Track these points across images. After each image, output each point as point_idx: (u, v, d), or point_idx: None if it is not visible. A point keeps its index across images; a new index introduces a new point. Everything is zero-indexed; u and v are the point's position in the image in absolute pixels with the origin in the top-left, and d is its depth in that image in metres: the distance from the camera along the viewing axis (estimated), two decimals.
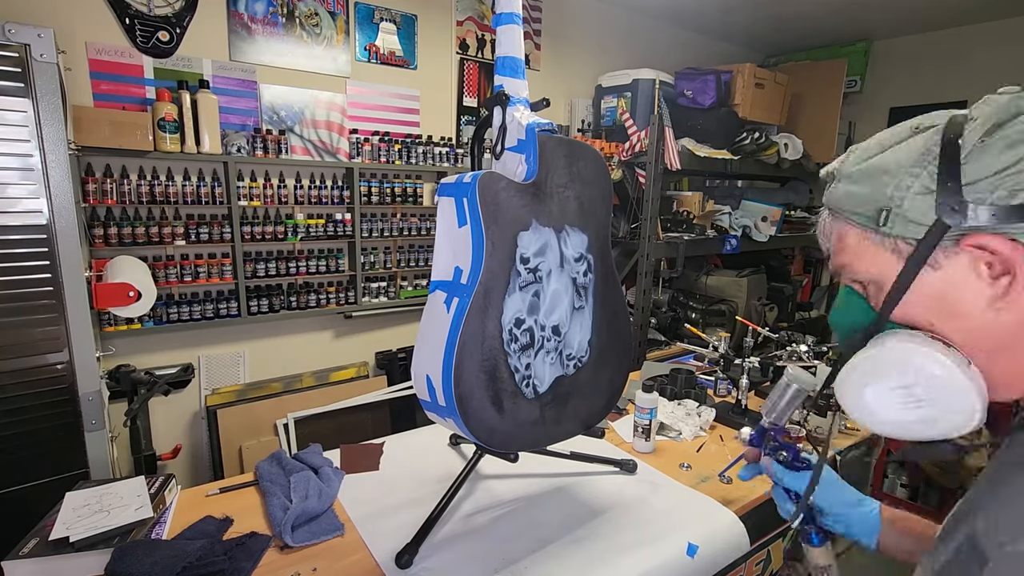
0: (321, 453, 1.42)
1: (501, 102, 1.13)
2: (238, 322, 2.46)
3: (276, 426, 2.51)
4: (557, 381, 1.12)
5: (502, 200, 1.03)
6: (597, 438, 1.45)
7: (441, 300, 1.04)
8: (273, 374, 2.68)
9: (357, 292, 2.76)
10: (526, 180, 1.07)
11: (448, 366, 0.98)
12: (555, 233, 1.10)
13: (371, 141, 2.71)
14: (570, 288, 1.12)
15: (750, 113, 3.06)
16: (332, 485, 1.27)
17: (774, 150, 3.12)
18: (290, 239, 2.54)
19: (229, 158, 2.32)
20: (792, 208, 3.72)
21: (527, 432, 1.10)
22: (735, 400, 1.78)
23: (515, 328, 1.05)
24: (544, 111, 1.16)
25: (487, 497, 1.28)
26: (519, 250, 1.05)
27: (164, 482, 1.20)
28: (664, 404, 1.79)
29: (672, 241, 2.82)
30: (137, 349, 2.32)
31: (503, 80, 1.14)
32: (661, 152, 2.67)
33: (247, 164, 2.42)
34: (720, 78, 3.00)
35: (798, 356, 1.73)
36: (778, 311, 3.52)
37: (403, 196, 2.81)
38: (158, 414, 2.42)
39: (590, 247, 1.15)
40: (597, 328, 1.17)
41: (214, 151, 2.27)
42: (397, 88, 2.82)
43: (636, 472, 1.41)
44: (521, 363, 1.06)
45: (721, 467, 1.45)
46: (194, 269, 2.33)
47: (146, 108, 2.17)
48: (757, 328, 1.86)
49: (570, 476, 1.38)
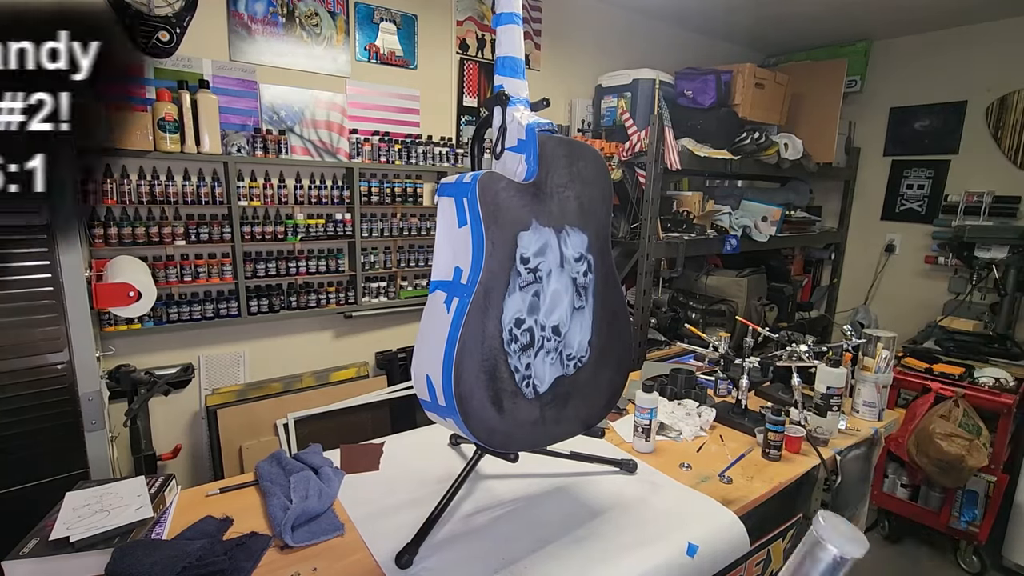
0: (321, 453, 1.42)
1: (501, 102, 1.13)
2: (238, 322, 2.46)
3: (276, 426, 2.51)
4: (557, 381, 1.12)
5: (502, 200, 1.03)
6: (597, 438, 1.44)
7: (441, 300, 1.04)
8: (273, 374, 2.68)
9: (357, 292, 2.76)
10: (526, 180, 1.07)
11: (448, 366, 0.98)
12: (555, 233, 1.10)
13: (371, 141, 2.71)
14: (570, 288, 1.12)
15: (750, 113, 3.06)
16: (332, 485, 1.27)
17: (774, 150, 3.12)
18: (290, 239, 2.54)
19: (229, 158, 2.32)
20: (792, 208, 3.72)
21: (527, 432, 1.10)
22: (735, 400, 1.78)
23: (515, 328, 1.05)
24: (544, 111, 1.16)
25: (487, 497, 1.28)
26: (519, 250, 1.05)
27: (164, 482, 1.20)
28: (664, 404, 1.79)
29: (672, 241, 2.82)
30: (137, 349, 2.32)
31: (503, 80, 1.14)
32: (661, 152, 2.67)
33: (247, 164, 2.42)
34: (720, 78, 3.00)
35: (798, 356, 1.73)
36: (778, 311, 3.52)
37: (403, 196, 2.80)
38: (158, 414, 2.42)
39: (590, 247, 1.15)
40: (597, 328, 1.17)
41: (214, 151, 2.27)
42: (397, 88, 2.82)
43: (636, 472, 1.41)
44: (521, 363, 1.06)
45: (721, 467, 1.45)
46: (194, 269, 2.33)
47: (146, 108, 2.17)
48: (757, 328, 1.86)
49: (570, 476, 1.38)
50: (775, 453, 1.50)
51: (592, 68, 3.39)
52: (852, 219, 4.13)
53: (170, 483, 1.22)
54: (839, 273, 4.23)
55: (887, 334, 1.78)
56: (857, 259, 4.14)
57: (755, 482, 1.38)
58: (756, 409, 1.76)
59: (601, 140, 3.07)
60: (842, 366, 1.68)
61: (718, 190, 3.74)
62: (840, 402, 1.64)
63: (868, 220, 4.06)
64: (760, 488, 1.35)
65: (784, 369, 1.85)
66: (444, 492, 1.19)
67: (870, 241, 4.05)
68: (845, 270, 4.23)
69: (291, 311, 2.60)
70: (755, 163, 3.11)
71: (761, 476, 1.41)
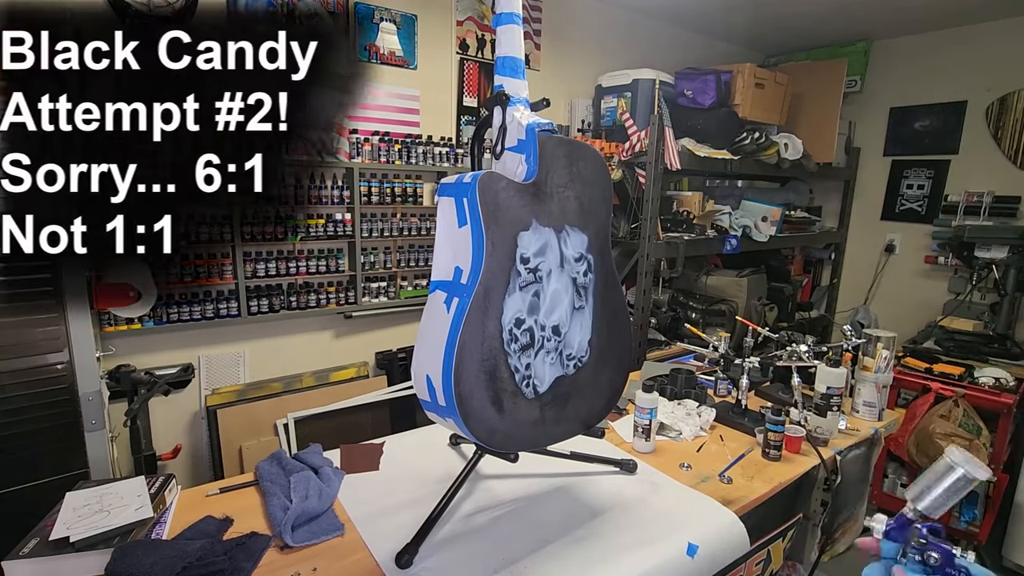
0: (321, 453, 1.42)
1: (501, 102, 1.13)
2: (238, 322, 2.46)
3: (276, 426, 2.51)
4: (557, 381, 1.12)
5: (502, 200, 1.03)
6: (597, 438, 1.44)
7: (441, 300, 1.04)
8: (273, 374, 2.68)
9: (357, 292, 2.76)
10: (526, 180, 1.07)
11: (448, 366, 0.98)
12: (555, 233, 1.10)
13: (371, 141, 2.71)
14: (570, 288, 1.12)
15: (750, 113, 3.06)
16: (332, 485, 1.27)
17: (774, 150, 3.12)
18: (290, 239, 2.54)
19: None
20: (792, 208, 3.72)
21: (527, 432, 1.10)
22: (735, 400, 1.78)
23: (515, 328, 1.05)
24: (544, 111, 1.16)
25: (487, 497, 1.28)
26: (519, 250, 1.05)
27: (164, 482, 1.20)
28: (664, 404, 1.79)
29: (672, 241, 2.82)
30: (137, 349, 2.32)
31: (503, 80, 1.14)
32: (661, 152, 2.67)
33: None
34: (720, 78, 3.00)
35: (798, 356, 1.73)
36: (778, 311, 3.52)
37: (403, 196, 2.80)
38: (158, 414, 2.42)
39: (590, 247, 1.15)
40: (597, 328, 1.17)
41: None
42: (397, 88, 2.82)
43: (636, 472, 1.41)
44: (521, 363, 1.06)
45: (721, 467, 1.45)
46: (194, 269, 2.33)
47: None
48: (757, 328, 1.86)
49: (570, 476, 1.38)
50: (775, 453, 1.50)
51: (592, 68, 3.39)
52: (852, 219, 4.13)
53: (170, 483, 1.22)
54: (839, 273, 4.23)
55: (887, 334, 1.78)
56: (857, 259, 4.14)
57: (755, 482, 1.38)
58: (756, 409, 1.76)
59: (601, 140, 3.07)
60: (842, 366, 1.68)
61: (718, 190, 3.74)
62: (840, 402, 1.64)
63: (868, 220, 4.06)
64: (760, 488, 1.35)
65: (784, 369, 1.85)
66: (444, 492, 1.19)
67: (870, 241, 4.05)
68: (845, 270, 4.23)
69: (291, 311, 2.60)
70: (755, 163, 3.11)
71: (761, 476, 1.41)
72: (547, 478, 1.37)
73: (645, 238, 2.73)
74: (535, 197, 1.07)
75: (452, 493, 1.19)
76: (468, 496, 1.28)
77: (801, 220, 3.69)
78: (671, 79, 3.07)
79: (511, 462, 1.16)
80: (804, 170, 3.37)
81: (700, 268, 3.49)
